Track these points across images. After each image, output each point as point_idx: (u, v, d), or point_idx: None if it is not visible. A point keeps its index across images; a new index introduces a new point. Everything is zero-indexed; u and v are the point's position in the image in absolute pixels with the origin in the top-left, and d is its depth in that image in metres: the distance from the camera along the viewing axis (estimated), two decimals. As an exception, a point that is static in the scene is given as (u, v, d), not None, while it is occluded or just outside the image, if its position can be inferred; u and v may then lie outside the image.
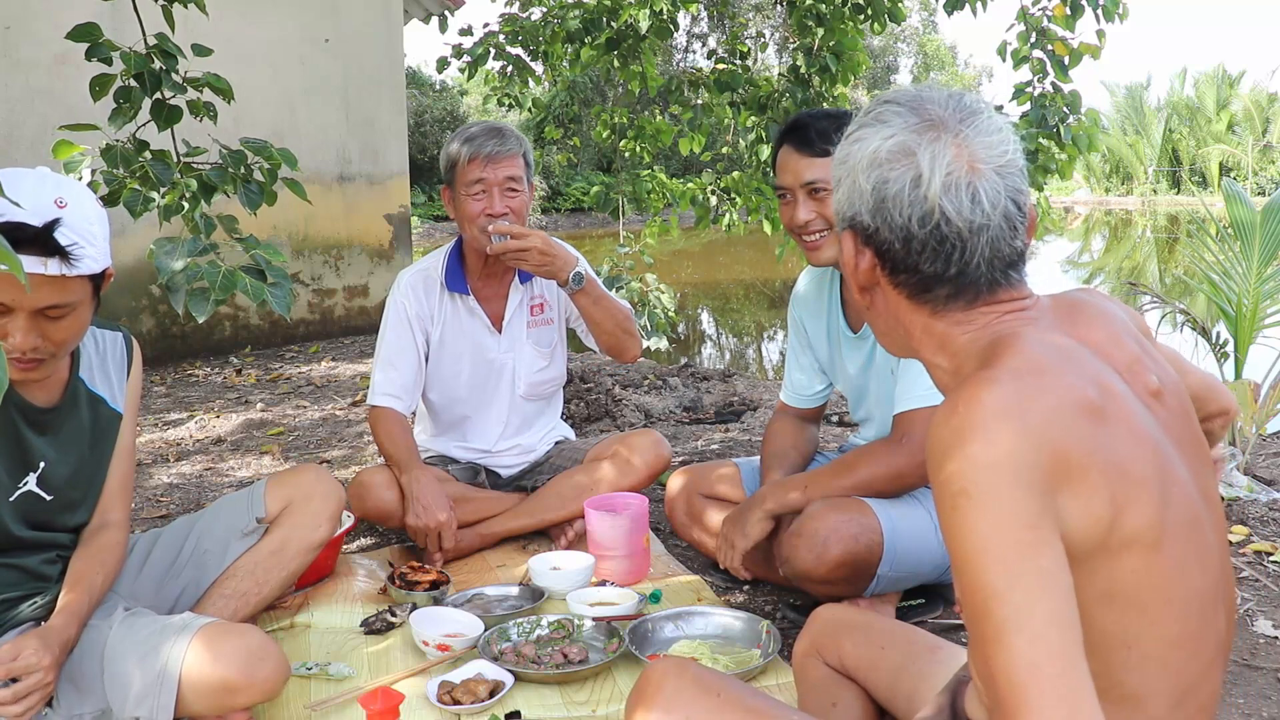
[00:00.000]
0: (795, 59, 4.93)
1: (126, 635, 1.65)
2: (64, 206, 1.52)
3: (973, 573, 0.87)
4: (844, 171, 1.08)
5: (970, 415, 0.91)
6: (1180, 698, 0.97)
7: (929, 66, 36.31)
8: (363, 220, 6.93)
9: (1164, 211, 23.93)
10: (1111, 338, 1.06)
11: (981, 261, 1.02)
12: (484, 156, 2.49)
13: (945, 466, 0.90)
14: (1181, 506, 0.97)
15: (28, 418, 1.69)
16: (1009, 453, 0.88)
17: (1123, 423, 0.95)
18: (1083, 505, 0.90)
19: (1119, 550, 0.91)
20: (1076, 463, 0.90)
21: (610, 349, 2.65)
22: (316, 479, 2.12)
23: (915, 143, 1.02)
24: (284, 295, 2.20)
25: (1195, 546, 0.98)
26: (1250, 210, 3.62)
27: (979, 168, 1.01)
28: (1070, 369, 0.97)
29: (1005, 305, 1.04)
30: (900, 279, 1.06)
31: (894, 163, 1.03)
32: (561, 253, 2.48)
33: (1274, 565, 2.50)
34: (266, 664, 1.63)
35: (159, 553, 1.98)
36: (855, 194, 1.06)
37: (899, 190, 1.02)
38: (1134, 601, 0.93)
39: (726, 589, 2.43)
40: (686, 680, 1.21)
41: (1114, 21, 3.95)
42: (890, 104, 1.06)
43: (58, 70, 5.18)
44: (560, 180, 22.14)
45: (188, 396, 5.01)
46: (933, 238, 1.01)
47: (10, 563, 1.71)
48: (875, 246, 1.06)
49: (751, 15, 20.18)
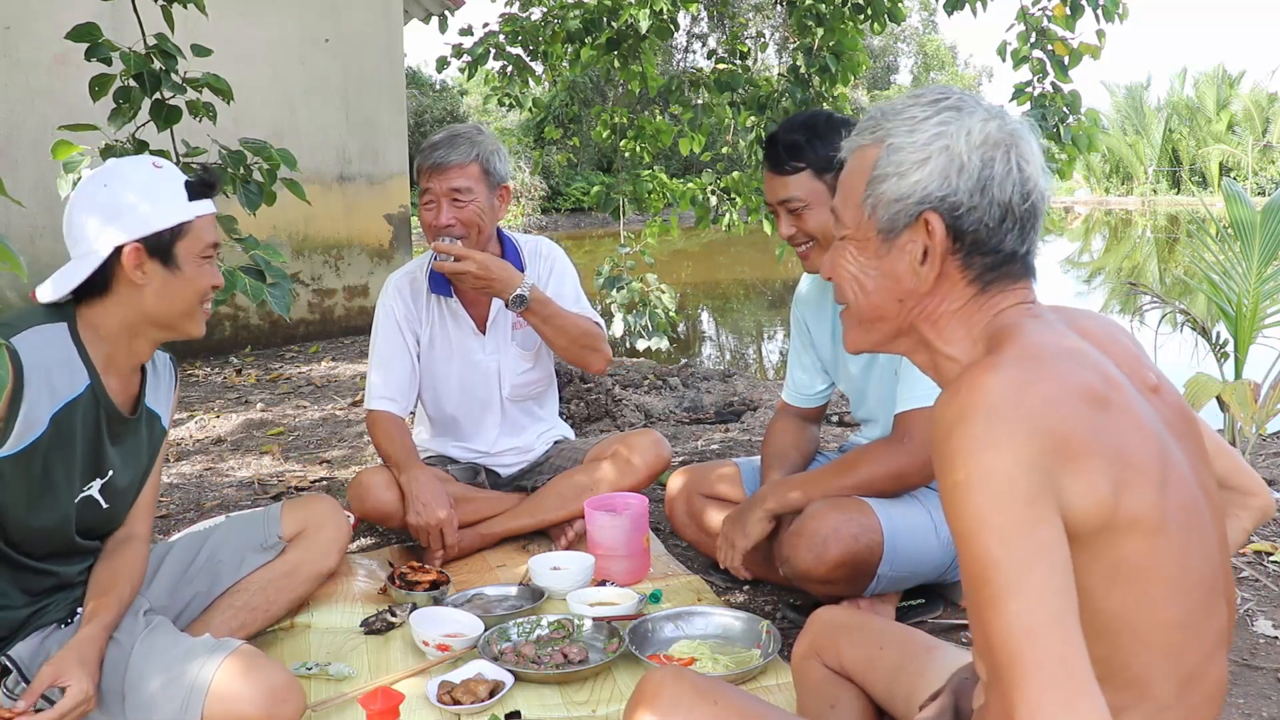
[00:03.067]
0: (795, 59, 4.93)
1: (149, 655, 1.66)
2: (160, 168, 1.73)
3: (972, 545, 0.90)
4: (935, 151, 1.07)
5: (973, 397, 0.93)
6: (1185, 683, 0.98)
7: (929, 66, 36.30)
8: (363, 220, 6.93)
9: (1164, 211, 23.93)
10: (1110, 336, 1.09)
11: (1037, 240, 1.10)
12: (429, 166, 2.47)
13: (947, 445, 0.93)
14: (1181, 494, 0.98)
15: (111, 424, 1.72)
16: (1009, 433, 0.91)
17: (1124, 411, 0.97)
18: (1085, 485, 0.92)
19: (1123, 531, 0.93)
20: (1078, 445, 0.92)
21: (570, 362, 2.67)
22: (330, 510, 2.18)
23: (1004, 132, 1.07)
24: (283, 295, 2.20)
25: (1196, 533, 0.99)
26: (1250, 210, 3.61)
27: (1042, 160, 1.10)
28: (1072, 359, 0.99)
29: (1024, 293, 1.09)
30: (975, 260, 1.08)
31: (998, 144, 1.07)
32: (501, 275, 2.45)
33: (1274, 565, 2.50)
34: (288, 705, 1.65)
35: (171, 562, 2.01)
36: (953, 171, 1.06)
37: (1006, 170, 1.06)
38: (1138, 583, 0.95)
39: (726, 589, 2.43)
40: (684, 687, 1.21)
41: (1114, 21, 3.95)
42: (953, 95, 1.10)
43: (58, 70, 5.18)
44: (560, 180, 22.13)
45: (188, 396, 5.01)
46: (1027, 215, 1.07)
47: (51, 569, 1.72)
48: (962, 226, 1.06)
49: (751, 15, 20.18)
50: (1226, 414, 3.28)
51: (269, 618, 2.08)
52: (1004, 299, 1.08)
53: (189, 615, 1.99)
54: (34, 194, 4.77)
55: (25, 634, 1.70)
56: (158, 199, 1.64)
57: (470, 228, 2.49)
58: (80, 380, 1.66)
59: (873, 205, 1.10)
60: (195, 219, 1.67)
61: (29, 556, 1.68)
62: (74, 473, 1.67)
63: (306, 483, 3.44)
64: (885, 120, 1.11)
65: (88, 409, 1.67)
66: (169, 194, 1.66)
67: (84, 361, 1.66)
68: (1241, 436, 3.19)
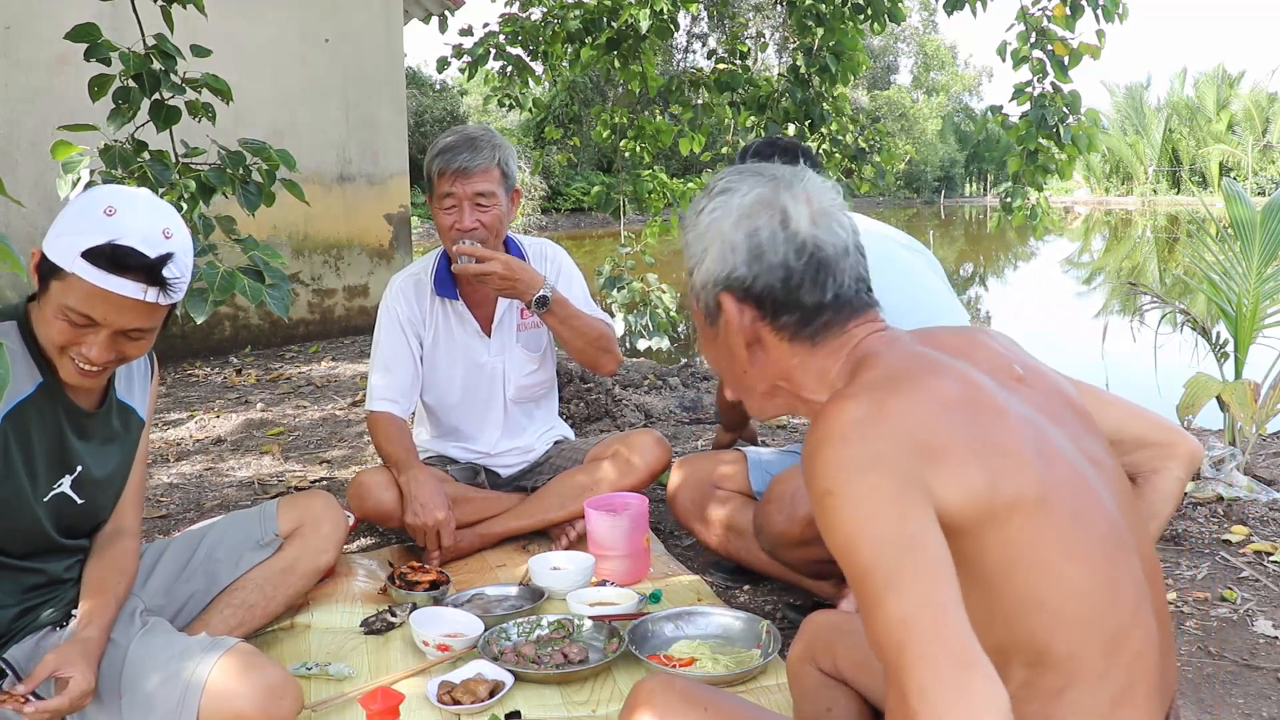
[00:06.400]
0: (795, 59, 4.94)
1: (145, 655, 1.66)
2: (170, 238, 1.57)
3: (848, 557, 0.92)
4: (710, 239, 1.15)
5: (828, 427, 0.98)
6: (1109, 648, 1.00)
7: (929, 66, 36.32)
8: (363, 220, 6.93)
9: (1164, 211, 23.94)
10: (971, 342, 1.14)
11: (850, 282, 1.13)
12: (453, 171, 2.46)
13: (812, 467, 0.97)
14: (1062, 469, 1.02)
15: (72, 420, 1.71)
16: (862, 449, 0.95)
17: (986, 407, 1.01)
18: (955, 479, 0.95)
19: (1006, 514, 0.96)
20: (940, 446, 0.96)
21: (584, 364, 2.66)
22: (326, 506, 2.18)
23: (770, 194, 1.13)
24: (282, 296, 2.20)
25: (1086, 502, 1.02)
26: (1250, 210, 3.61)
27: (825, 206, 1.14)
28: (928, 371, 1.04)
29: (871, 324, 1.14)
30: (782, 321, 1.13)
31: (759, 213, 1.12)
32: (526, 276, 2.45)
33: (1274, 565, 2.50)
34: (284, 702, 1.64)
35: (167, 560, 2.00)
36: (726, 251, 1.13)
37: (771, 234, 1.11)
38: (1035, 561, 0.97)
39: (727, 589, 2.43)
40: (674, 695, 1.22)
41: (1114, 21, 3.95)
42: (728, 177, 1.17)
43: (58, 70, 5.18)
44: (560, 180, 22.15)
45: (188, 396, 5.01)
46: (809, 268, 1.11)
47: (36, 567, 1.72)
48: (755, 297, 1.13)
49: (751, 15, 20.18)
50: (1226, 414, 3.28)
51: (267, 615, 2.07)
52: (856, 332, 1.12)
53: (187, 614, 1.98)
54: (34, 194, 4.78)
55: (20, 635, 1.70)
56: (70, 230, 1.54)
57: (492, 231, 2.50)
58: (31, 378, 1.64)
59: (694, 297, 1.20)
60: (73, 274, 1.51)
61: (9, 555, 1.68)
62: (38, 471, 1.66)
63: (306, 483, 3.44)
64: (684, 217, 1.20)
65: (43, 406, 1.65)
66: (80, 236, 1.52)
67: (35, 359, 1.64)
68: (1241, 436, 3.18)
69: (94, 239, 1.51)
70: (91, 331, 1.57)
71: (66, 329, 1.56)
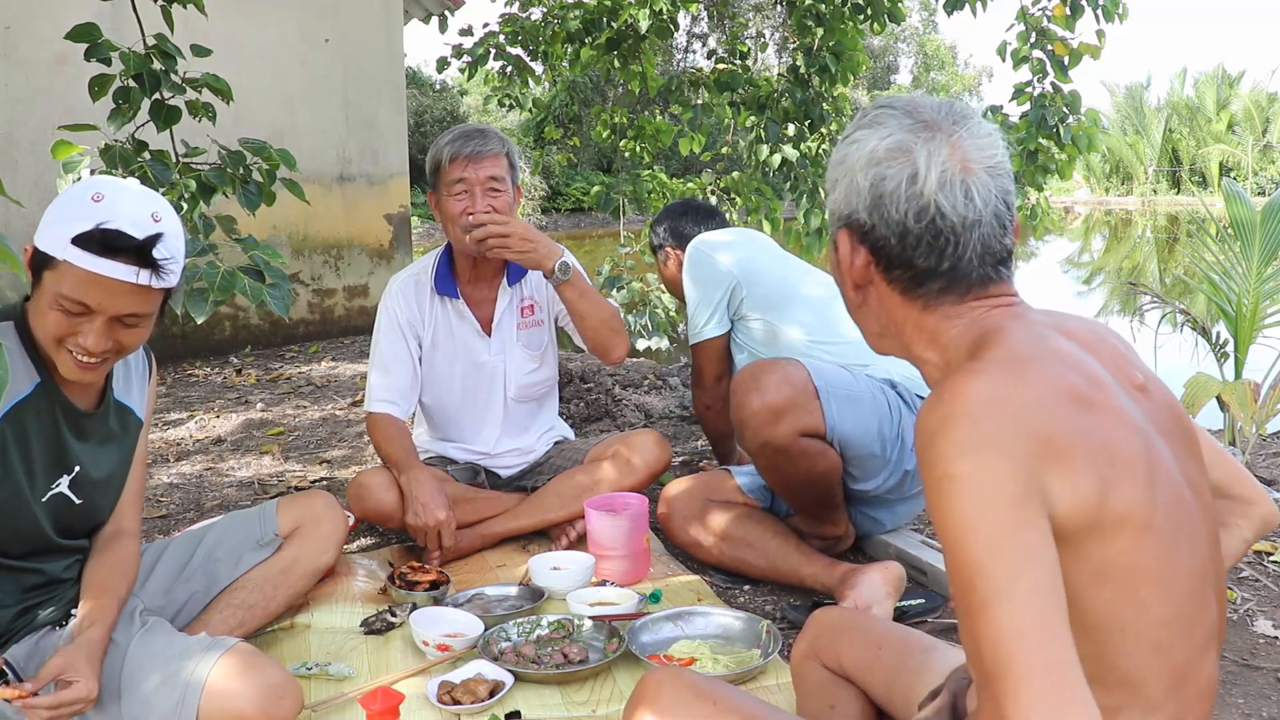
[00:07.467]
0: (795, 59, 4.93)
1: (144, 655, 1.65)
2: (159, 221, 1.57)
3: (959, 551, 0.89)
4: (841, 172, 1.11)
5: (955, 404, 0.93)
6: (1176, 681, 0.98)
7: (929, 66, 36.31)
8: (363, 220, 6.93)
9: (1164, 211, 23.92)
10: (1096, 337, 1.09)
11: (974, 256, 1.06)
12: (465, 156, 2.48)
13: (931, 451, 0.92)
14: (1168, 491, 0.98)
15: (69, 420, 1.71)
16: (992, 437, 0.90)
17: (1109, 410, 0.97)
18: (1070, 485, 0.91)
19: (1111, 529, 0.93)
20: (1062, 445, 0.92)
21: (596, 346, 2.61)
22: (326, 506, 2.18)
23: (911, 141, 1.06)
24: (282, 296, 2.20)
25: (1184, 530, 0.99)
26: (1250, 210, 3.61)
27: (971, 167, 1.05)
28: (1056, 359, 0.99)
29: (994, 299, 1.07)
30: (894, 275, 1.09)
31: (891, 160, 1.06)
32: (545, 240, 2.48)
33: (1274, 565, 2.50)
34: (285, 703, 1.64)
35: (167, 560, 2.00)
36: (852, 192, 1.09)
37: (896, 187, 1.05)
38: (1126, 582, 0.94)
39: (727, 589, 2.43)
40: (683, 687, 1.21)
41: (1114, 21, 3.95)
42: (885, 108, 1.10)
43: (58, 70, 5.18)
44: (560, 180, 22.13)
45: (188, 396, 5.01)
46: (928, 233, 1.05)
47: (35, 567, 1.72)
48: (871, 244, 1.09)
49: (751, 15, 20.18)
50: (1226, 414, 3.28)
51: (268, 615, 2.07)
52: (976, 306, 1.07)
53: (187, 615, 1.98)
54: (34, 194, 4.78)
55: (19, 635, 1.70)
56: (59, 219, 1.54)
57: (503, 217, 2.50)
58: (29, 378, 1.64)
59: (829, 222, 1.16)
60: (64, 262, 1.52)
61: (8, 556, 1.68)
62: (35, 471, 1.66)
63: (306, 483, 3.44)
64: None
65: (41, 407, 1.65)
66: (69, 223, 1.52)
67: (33, 359, 1.64)
68: (1241, 436, 3.18)
69: (83, 225, 1.51)
70: (86, 320, 1.57)
71: (62, 319, 1.56)
